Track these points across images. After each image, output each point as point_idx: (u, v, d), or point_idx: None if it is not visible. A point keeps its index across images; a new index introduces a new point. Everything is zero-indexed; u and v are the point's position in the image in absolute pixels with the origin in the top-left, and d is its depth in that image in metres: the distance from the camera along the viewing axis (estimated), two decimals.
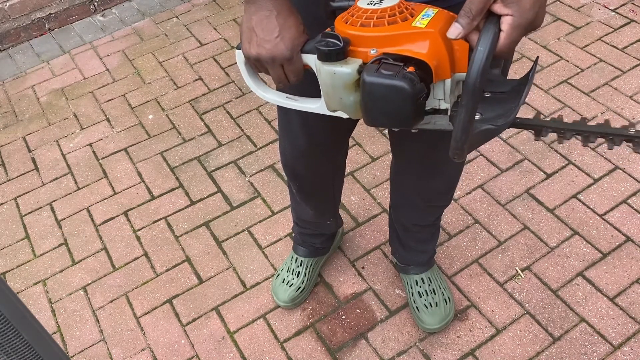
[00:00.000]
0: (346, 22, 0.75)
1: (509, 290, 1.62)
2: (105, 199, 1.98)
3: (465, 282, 1.65)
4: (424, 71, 0.70)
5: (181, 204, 1.93)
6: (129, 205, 1.95)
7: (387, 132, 1.36)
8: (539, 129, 0.76)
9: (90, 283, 1.75)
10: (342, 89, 0.75)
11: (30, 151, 2.19)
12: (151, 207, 1.94)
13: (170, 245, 1.82)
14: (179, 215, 1.90)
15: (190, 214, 1.90)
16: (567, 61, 2.24)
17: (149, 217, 1.91)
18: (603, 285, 1.60)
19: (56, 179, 2.07)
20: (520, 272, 1.65)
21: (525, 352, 1.50)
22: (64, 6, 2.71)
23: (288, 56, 0.79)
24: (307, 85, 0.86)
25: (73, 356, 1.59)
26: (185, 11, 2.76)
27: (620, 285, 1.60)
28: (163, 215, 1.91)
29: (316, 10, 0.85)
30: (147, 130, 2.20)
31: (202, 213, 1.90)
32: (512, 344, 1.52)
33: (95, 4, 2.79)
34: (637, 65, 2.19)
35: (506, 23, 0.67)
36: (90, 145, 2.18)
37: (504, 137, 2.00)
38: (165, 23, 2.71)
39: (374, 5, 0.74)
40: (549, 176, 1.88)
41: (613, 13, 2.42)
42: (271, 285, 1.67)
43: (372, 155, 2.00)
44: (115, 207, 1.95)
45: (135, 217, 1.91)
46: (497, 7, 0.67)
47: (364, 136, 2.06)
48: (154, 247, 1.82)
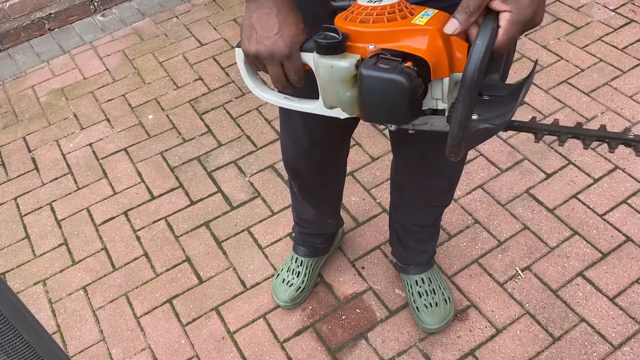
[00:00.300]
0: (346, 19, 0.75)
1: (509, 290, 1.62)
2: (105, 199, 1.98)
3: (465, 282, 1.65)
4: (422, 68, 0.71)
5: (181, 204, 1.93)
6: (129, 205, 1.95)
7: (388, 132, 1.36)
8: (536, 132, 0.76)
9: (90, 283, 1.75)
10: (339, 83, 0.75)
11: (30, 151, 2.19)
12: (151, 207, 1.94)
13: (170, 245, 1.82)
14: (179, 215, 1.90)
15: (190, 214, 1.90)
16: (567, 61, 2.24)
17: (149, 217, 1.91)
18: (603, 285, 1.60)
19: (56, 179, 2.07)
20: (520, 272, 1.65)
21: (525, 352, 1.50)
22: (64, 6, 2.71)
23: (287, 53, 0.80)
24: (305, 86, 0.86)
25: (73, 356, 1.59)
26: (185, 11, 2.76)
27: (620, 285, 1.60)
28: (163, 215, 1.91)
29: (316, 9, 0.85)
30: (147, 130, 2.20)
31: (202, 213, 1.90)
32: (512, 344, 1.52)
33: (95, 4, 2.79)
34: (637, 65, 2.19)
35: (504, 19, 0.68)
36: (90, 145, 2.18)
37: (504, 137, 2.00)
38: (165, 23, 2.71)
39: (374, 3, 0.74)
40: (549, 176, 1.88)
41: (613, 13, 2.42)
42: (271, 285, 1.67)
43: (372, 155, 2.00)
44: (115, 207, 1.95)
45: (135, 217, 1.91)
46: (496, 4, 0.68)
47: (364, 136, 2.06)
48: (154, 247, 1.82)
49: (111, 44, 2.63)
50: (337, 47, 0.73)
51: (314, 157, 1.27)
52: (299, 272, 1.61)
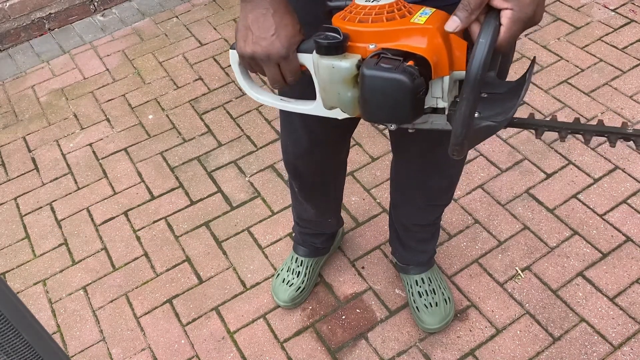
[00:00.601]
0: (344, 19, 0.75)
1: (509, 290, 1.62)
2: (105, 199, 1.98)
3: (465, 282, 1.65)
4: (422, 67, 0.71)
5: (181, 204, 1.93)
6: (129, 205, 1.95)
7: (388, 131, 1.36)
8: (537, 128, 0.76)
9: (90, 283, 1.75)
10: (340, 84, 0.75)
11: (30, 151, 2.19)
12: (151, 207, 1.94)
13: (170, 245, 1.82)
14: (179, 215, 1.90)
15: (190, 214, 1.90)
16: (567, 61, 2.24)
17: (149, 217, 1.91)
18: (603, 285, 1.60)
19: (56, 179, 2.07)
20: (520, 272, 1.65)
21: (525, 352, 1.50)
22: (64, 6, 2.71)
23: (284, 54, 0.79)
24: (302, 88, 0.86)
25: (73, 356, 1.59)
26: (185, 11, 2.76)
27: (620, 285, 1.60)
28: (163, 215, 1.91)
29: (313, 9, 0.85)
30: (147, 130, 2.20)
31: (202, 213, 1.90)
32: (512, 344, 1.52)
33: (95, 4, 2.79)
34: (637, 65, 2.19)
35: (506, 17, 0.68)
36: (90, 145, 2.18)
37: (504, 137, 2.00)
38: (165, 23, 2.71)
39: (372, 2, 0.74)
40: (549, 176, 1.88)
41: (613, 13, 2.42)
42: (271, 285, 1.67)
43: (372, 155, 2.00)
44: (115, 207, 1.95)
45: (135, 217, 1.91)
46: (497, 2, 0.68)
47: (364, 136, 2.06)
48: (154, 247, 1.82)
49: (111, 44, 2.63)
50: (338, 48, 0.73)
51: (314, 157, 1.27)
52: (299, 272, 1.61)
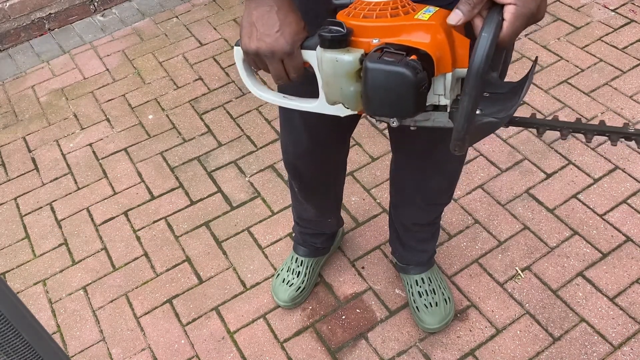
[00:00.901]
0: (348, 15, 0.76)
1: (509, 290, 1.62)
2: (105, 199, 1.98)
3: (465, 282, 1.65)
4: (425, 63, 0.71)
5: (181, 204, 1.93)
6: (129, 205, 1.95)
7: (387, 131, 1.36)
8: (538, 127, 0.77)
9: (90, 283, 1.75)
10: (343, 77, 0.75)
11: (30, 151, 2.19)
12: (151, 207, 1.94)
13: (170, 245, 1.82)
14: (179, 215, 1.90)
15: (190, 214, 1.90)
16: (567, 61, 2.24)
17: (149, 217, 1.91)
18: (603, 285, 1.60)
19: (56, 179, 2.07)
20: (520, 272, 1.65)
21: (525, 352, 1.50)
22: (64, 6, 2.71)
23: (288, 50, 0.80)
24: (304, 86, 0.86)
25: (73, 356, 1.59)
26: (185, 11, 2.76)
27: (620, 285, 1.60)
28: (163, 215, 1.91)
29: (317, 7, 0.85)
30: (147, 130, 2.20)
31: (202, 213, 1.90)
32: (512, 344, 1.52)
33: (95, 4, 2.79)
34: (637, 65, 2.19)
35: (509, 12, 0.68)
36: (90, 145, 2.18)
37: (504, 137, 2.00)
38: (165, 23, 2.71)
39: None
40: (549, 176, 1.88)
41: (613, 13, 2.42)
42: (271, 285, 1.67)
43: (372, 155, 2.00)
44: (115, 207, 1.95)
45: (135, 217, 1.91)
46: None
47: (364, 136, 2.06)
48: (154, 247, 1.82)
49: (111, 44, 2.63)
50: (341, 41, 0.74)
51: (314, 156, 1.27)
52: (299, 272, 1.61)
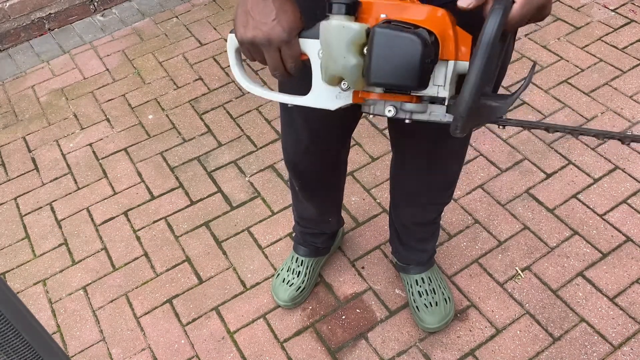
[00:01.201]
0: None
1: (509, 290, 1.62)
2: (105, 199, 1.98)
3: (465, 282, 1.65)
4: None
5: (181, 204, 1.93)
6: (129, 205, 1.95)
7: (388, 130, 1.36)
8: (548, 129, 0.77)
9: (90, 283, 1.75)
10: (348, 46, 0.74)
11: (30, 151, 2.19)
12: (151, 207, 1.94)
13: (170, 245, 1.82)
14: (179, 215, 1.90)
15: (190, 214, 1.90)
16: (567, 61, 2.24)
17: (149, 217, 1.91)
18: (603, 285, 1.60)
19: (56, 179, 2.07)
20: (520, 272, 1.65)
21: (525, 352, 1.50)
22: (64, 6, 2.71)
23: (286, 38, 0.78)
24: (298, 80, 0.85)
25: (73, 356, 1.60)
26: (185, 11, 2.76)
27: (620, 285, 1.60)
28: (163, 215, 1.91)
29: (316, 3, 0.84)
30: (147, 130, 2.20)
31: (202, 213, 1.90)
32: (512, 344, 1.52)
33: (95, 4, 2.79)
34: (637, 65, 2.19)
35: None
36: (90, 145, 2.18)
37: (504, 137, 2.00)
38: (165, 23, 2.71)
39: None
40: (549, 176, 1.88)
41: (613, 13, 2.42)
42: (271, 285, 1.67)
43: (372, 155, 2.00)
44: (115, 207, 1.95)
45: (135, 217, 1.91)
46: None
47: (364, 136, 2.06)
48: (154, 247, 1.82)
49: (111, 44, 2.63)
50: (349, 7, 0.73)
51: (315, 156, 1.27)
52: (299, 271, 1.61)
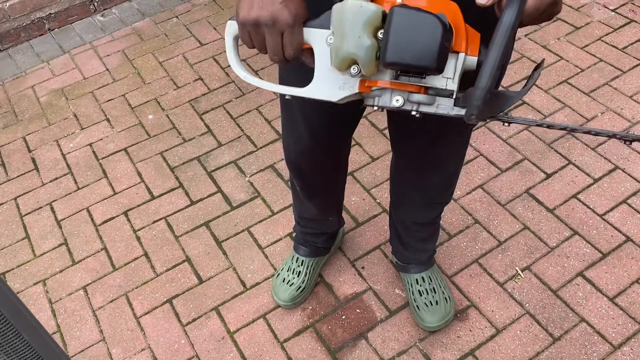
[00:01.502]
0: None
1: (509, 290, 1.62)
2: (105, 199, 1.98)
3: (465, 282, 1.65)
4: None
5: (181, 204, 1.93)
6: (129, 205, 1.95)
7: (388, 130, 1.36)
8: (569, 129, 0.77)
9: (90, 283, 1.75)
10: (364, 26, 0.74)
11: (30, 151, 2.19)
12: (151, 207, 1.94)
13: (170, 245, 1.82)
14: (179, 215, 1.90)
15: (190, 214, 1.90)
16: (567, 61, 2.24)
17: (149, 217, 1.91)
18: (603, 285, 1.60)
19: (56, 179, 2.07)
20: (520, 272, 1.65)
21: (525, 352, 1.50)
22: (64, 6, 2.71)
23: (291, 22, 0.77)
24: (300, 76, 0.84)
25: (73, 356, 1.60)
26: (185, 11, 2.76)
27: (620, 285, 1.60)
28: (163, 215, 1.91)
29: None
30: (147, 130, 2.20)
31: (202, 213, 1.90)
32: (512, 344, 1.52)
33: (95, 4, 2.79)
34: (637, 65, 2.19)
35: None
36: (90, 145, 2.18)
37: (504, 137, 2.00)
38: (165, 23, 2.71)
39: None
40: (549, 176, 1.88)
41: (613, 13, 2.42)
42: (271, 284, 1.67)
43: (372, 155, 2.00)
44: (115, 207, 1.95)
45: (135, 217, 1.91)
46: None
47: (364, 136, 2.06)
48: (154, 247, 1.82)
49: (111, 44, 2.63)
50: None
51: (316, 155, 1.27)
52: (299, 271, 1.61)
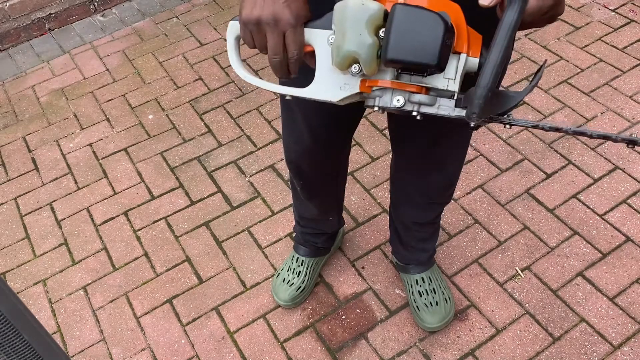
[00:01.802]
0: None
1: (509, 290, 1.62)
2: (105, 199, 1.98)
3: (465, 282, 1.65)
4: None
5: (181, 204, 1.93)
6: (129, 205, 1.95)
7: (388, 130, 1.36)
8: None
9: (90, 283, 1.75)
10: (366, 24, 0.75)
11: (30, 151, 2.19)
12: (151, 207, 1.94)
13: (170, 245, 1.82)
14: (179, 215, 1.90)
15: (190, 214, 1.90)
16: (567, 61, 2.24)
17: (149, 217, 1.91)
18: (603, 285, 1.60)
19: (56, 179, 2.07)
20: (520, 272, 1.65)
21: (525, 352, 1.50)
22: (64, 6, 2.71)
23: (293, 22, 0.77)
24: (301, 78, 0.84)
25: (73, 356, 1.60)
26: (185, 11, 2.76)
27: (620, 285, 1.60)
28: (163, 215, 1.91)
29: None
30: (147, 130, 2.20)
31: (202, 213, 1.90)
32: (512, 344, 1.52)
33: (95, 4, 2.79)
34: (637, 65, 2.19)
35: None
36: (90, 145, 2.18)
37: (504, 137, 2.00)
38: (165, 23, 2.71)
39: None
40: (549, 176, 1.88)
41: (613, 13, 2.42)
42: (271, 284, 1.67)
43: (372, 155, 2.00)
44: (115, 207, 1.95)
45: (135, 217, 1.91)
46: None
47: (364, 136, 2.06)
48: (154, 247, 1.82)
49: (111, 44, 2.63)
50: None
51: (316, 155, 1.27)
52: (299, 271, 1.62)
